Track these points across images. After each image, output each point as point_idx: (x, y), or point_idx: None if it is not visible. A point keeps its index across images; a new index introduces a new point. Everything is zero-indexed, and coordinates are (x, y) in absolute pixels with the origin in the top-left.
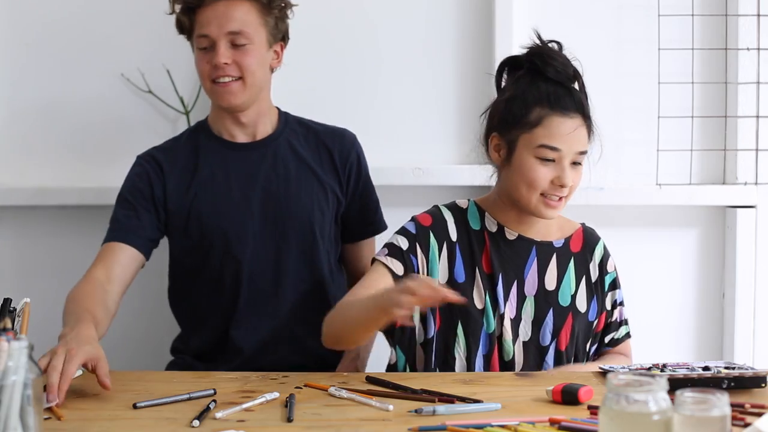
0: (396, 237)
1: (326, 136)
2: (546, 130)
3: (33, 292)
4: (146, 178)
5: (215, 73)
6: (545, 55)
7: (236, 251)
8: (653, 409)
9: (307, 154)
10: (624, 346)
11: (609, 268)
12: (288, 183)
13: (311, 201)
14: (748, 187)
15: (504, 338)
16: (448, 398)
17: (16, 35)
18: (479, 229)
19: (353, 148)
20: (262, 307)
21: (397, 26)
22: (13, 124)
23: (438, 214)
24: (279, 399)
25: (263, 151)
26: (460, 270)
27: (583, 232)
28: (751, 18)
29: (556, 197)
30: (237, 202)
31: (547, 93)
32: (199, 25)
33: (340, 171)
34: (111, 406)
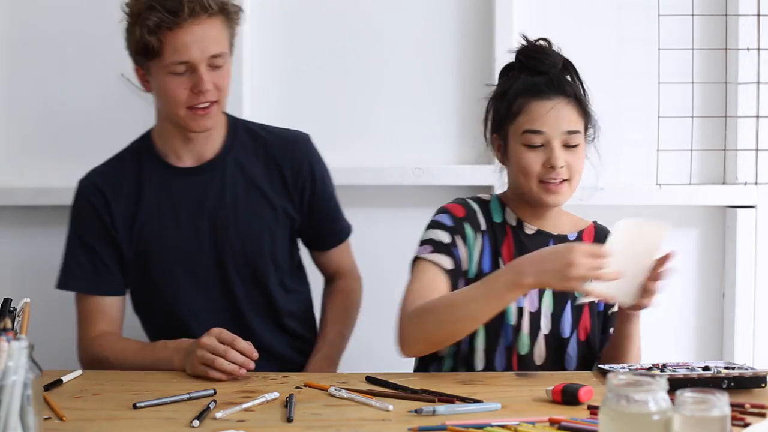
0: (434, 232)
1: (276, 148)
2: (527, 116)
3: (33, 292)
4: (94, 212)
5: (196, 99)
6: (530, 51)
7: (187, 287)
8: (653, 409)
9: (257, 173)
10: None
11: None
12: (236, 209)
13: (261, 226)
14: (748, 187)
15: (521, 331)
16: (448, 398)
17: (16, 35)
18: (501, 221)
19: (305, 159)
20: None
21: (397, 26)
22: (13, 124)
23: (468, 205)
24: (279, 399)
25: (210, 175)
26: (486, 260)
27: (595, 227)
28: (751, 18)
29: (556, 180)
30: (186, 233)
31: (526, 83)
32: (174, 50)
33: (291, 188)
34: (111, 406)
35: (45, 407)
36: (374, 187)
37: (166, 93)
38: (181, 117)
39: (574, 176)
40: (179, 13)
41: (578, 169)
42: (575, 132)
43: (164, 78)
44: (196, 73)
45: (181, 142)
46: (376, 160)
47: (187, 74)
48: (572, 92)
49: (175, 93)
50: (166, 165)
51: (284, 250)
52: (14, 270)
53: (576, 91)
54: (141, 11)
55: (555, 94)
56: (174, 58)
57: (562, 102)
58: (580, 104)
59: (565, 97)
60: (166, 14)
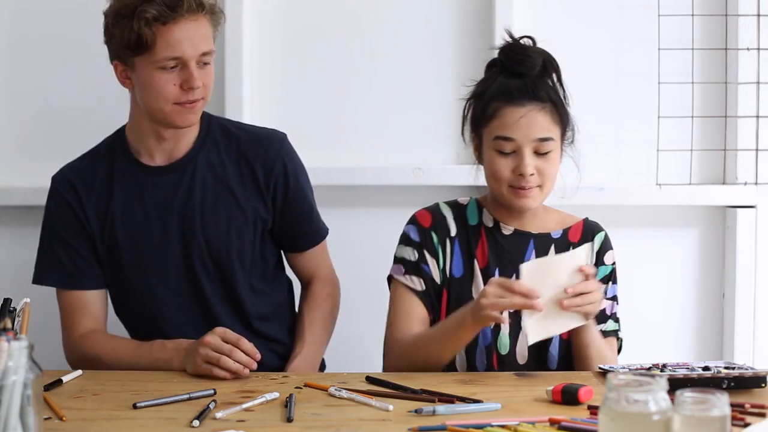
0: (404, 249)
1: (249, 146)
2: (499, 121)
3: (33, 292)
4: (68, 208)
5: (185, 96)
6: (510, 51)
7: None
8: (653, 409)
9: (228, 173)
10: (610, 342)
11: (606, 261)
12: (204, 209)
13: (228, 227)
14: (748, 187)
15: (501, 332)
16: (448, 398)
17: (16, 35)
18: (476, 224)
19: (278, 158)
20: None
21: (397, 26)
22: (13, 124)
23: (437, 211)
24: (279, 399)
25: (180, 174)
26: (458, 265)
27: (584, 223)
28: (751, 18)
29: (525, 187)
30: (155, 232)
31: (501, 86)
32: (166, 45)
33: (263, 188)
34: (111, 406)
35: (45, 407)
36: (374, 187)
37: (153, 88)
38: (167, 112)
39: (546, 182)
40: (177, 8)
41: (550, 175)
42: (547, 139)
43: (152, 72)
44: (186, 70)
45: (154, 140)
46: (376, 160)
47: (177, 70)
48: (548, 97)
49: (164, 88)
50: (137, 163)
51: (254, 251)
52: (14, 270)
53: (552, 95)
54: (138, 4)
55: (528, 100)
56: (167, 53)
57: (535, 109)
58: (556, 109)
59: (539, 102)
60: (165, 8)
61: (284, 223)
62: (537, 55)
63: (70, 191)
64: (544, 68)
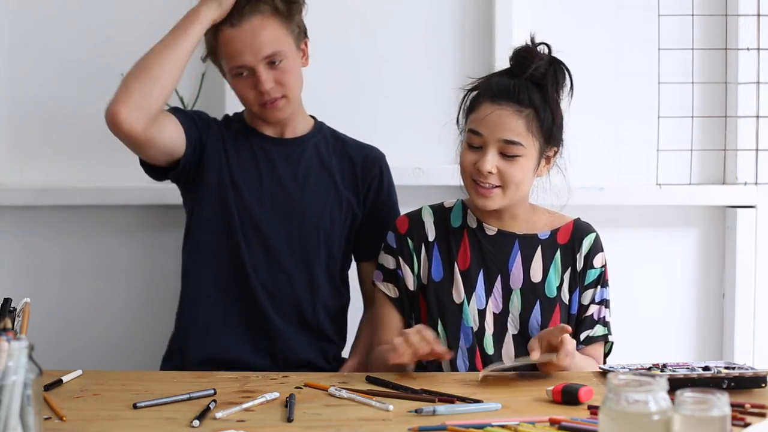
0: (384, 256)
1: (353, 149)
2: (475, 115)
3: (33, 292)
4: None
5: (261, 98)
6: (519, 54)
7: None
8: (653, 409)
9: (332, 161)
10: (595, 348)
11: (596, 263)
12: (305, 184)
13: (323, 208)
14: (748, 187)
15: (485, 333)
16: (448, 398)
17: (16, 35)
18: (459, 226)
19: (377, 164)
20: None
21: (398, 26)
22: (13, 124)
23: (416, 217)
24: (279, 399)
25: (290, 148)
26: (437, 269)
27: (574, 224)
28: (751, 18)
29: (487, 185)
30: (253, 189)
31: (491, 82)
32: (230, 57)
33: (360, 184)
34: (111, 406)
35: (45, 407)
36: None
37: (237, 93)
38: (255, 112)
39: (508, 186)
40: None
41: (514, 180)
42: (515, 143)
43: (231, 79)
44: (254, 75)
45: (264, 124)
46: None
47: (249, 75)
48: (530, 102)
49: (242, 93)
50: (252, 129)
51: (340, 239)
52: (14, 270)
53: (538, 103)
54: None
55: (507, 100)
56: (231, 63)
57: (510, 110)
58: (536, 116)
59: (516, 105)
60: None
61: (370, 225)
62: (541, 61)
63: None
64: (545, 75)
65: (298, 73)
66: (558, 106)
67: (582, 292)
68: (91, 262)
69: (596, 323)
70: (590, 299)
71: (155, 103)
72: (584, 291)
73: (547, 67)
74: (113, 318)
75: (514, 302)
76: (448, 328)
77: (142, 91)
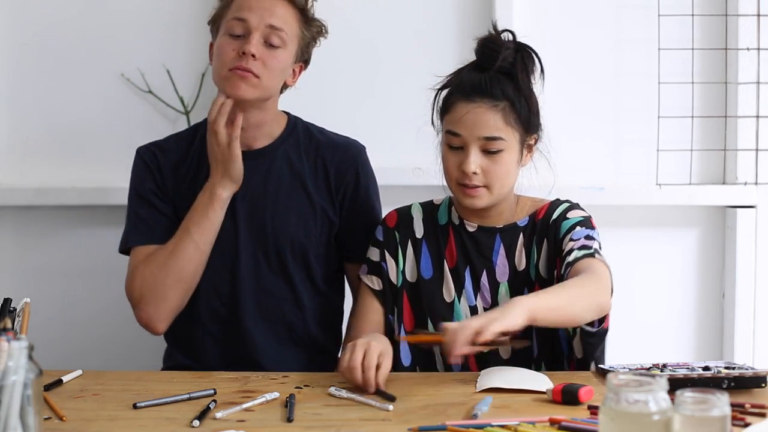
0: (371, 249)
1: (327, 150)
2: (451, 115)
3: (33, 292)
4: (149, 172)
5: (238, 61)
6: (483, 45)
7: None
8: (653, 409)
9: (304, 169)
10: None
11: (570, 216)
12: (277, 199)
13: (297, 220)
14: (748, 187)
15: None
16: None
17: (16, 35)
18: (445, 223)
19: (352, 166)
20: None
21: (397, 26)
22: (13, 124)
23: (405, 212)
24: (279, 399)
25: (258, 162)
26: (427, 266)
27: (550, 203)
28: (751, 18)
29: (470, 185)
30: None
31: (461, 79)
32: (237, 8)
33: (333, 191)
34: (111, 406)
35: (45, 407)
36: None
37: (217, 52)
38: (222, 77)
39: (493, 183)
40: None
41: (498, 176)
42: (495, 138)
43: (221, 38)
44: (248, 37)
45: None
46: (376, 160)
47: (241, 39)
48: (503, 95)
49: (223, 50)
50: None
51: (317, 248)
52: (14, 270)
53: (511, 94)
54: None
55: (481, 96)
56: (234, 14)
57: (485, 106)
58: (513, 108)
59: (490, 100)
60: None
61: (348, 231)
62: (507, 50)
63: (152, 159)
64: (513, 64)
65: (282, 71)
66: (532, 92)
67: (561, 243)
68: (91, 262)
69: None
70: (568, 241)
71: (187, 299)
72: (562, 241)
73: (515, 55)
74: (113, 318)
75: (503, 295)
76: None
77: (177, 298)
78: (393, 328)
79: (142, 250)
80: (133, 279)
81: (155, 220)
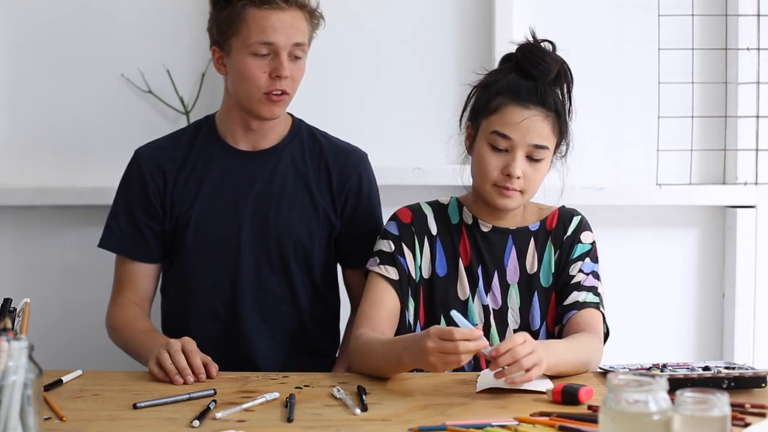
0: (382, 242)
1: (330, 154)
2: (500, 117)
3: (33, 292)
4: (141, 181)
5: (273, 85)
6: (529, 52)
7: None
8: (653, 409)
9: (308, 171)
10: (589, 314)
11: (584, 239)
12: (281, 200)
13: (300, 221)
14: (748, 187)
15: (491, 328)
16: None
17: (16, 35)
18: (457, 222)
19: (355, 171)
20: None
21: (397, 26)
22: (13, 124)
23: (418, 210)
24: (279, 399)
25: (263, 162)
26: (441, 263)
27: (559, 211)
28: (751, 18)
29: (510, 187)
30: (228, 211)
31: (511, 83)
32: (261, 30)
33: (336, 195)
34: (111, 406)
35: (45, 407)
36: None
37: (244, 74)
38: (255, 100)
39: (529, 189)
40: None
41: (535, 183)
42: (542, 147)
43: (245, 58)
44: (277, 59)
45: (242, 129)
46: (376, 160)
47: (268, 59)
48: (554, 106)
49: (254, 73)
50: (222, 144)
51: (319, 251)
52: (14, 270)
53: (559, 105)
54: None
55: (535, 104)
56: (260, 37)
57: (539, 115)
58: (558, 119)
59: (544, 109)
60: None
61: (349, 237)
62: (553, 61)
63: (150, 164)
64: (558, 77)
65: (303, 75)
66: (571, 105)
67: (570, 265)
68: (90, 262)
69: (585, 290)
70: (578, 270)
71: None
72: (572, 264)
73: (560, 68)
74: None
75: (512, 297)
76: (452, 324)
77: None
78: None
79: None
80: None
81: (133, 232)
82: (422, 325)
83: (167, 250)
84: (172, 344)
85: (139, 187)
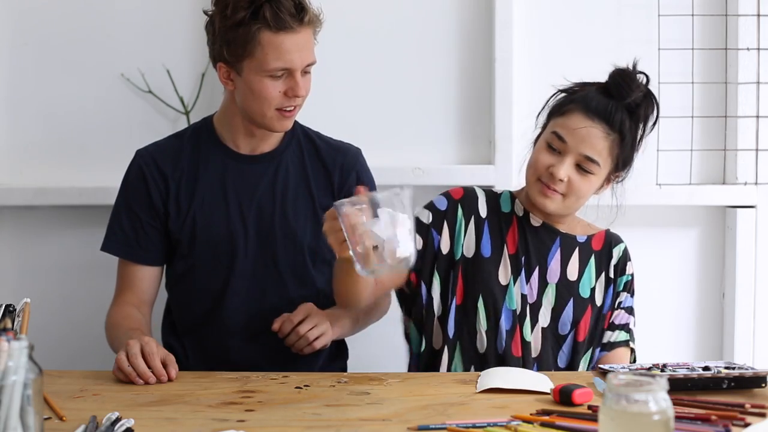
0: (422, 211)
1: (327, 154)
2: (564, 120)
3: (33, 292)
4: (143, 182)
5: (287, 102)
6: (618, 74)
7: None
8: (653, 409)
9: (308, 173)
10: (616, 354)
11: (627, 270)
12: (285, 203)
13: (305, 223)
14: (748, 187)
15: (525, 318)
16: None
17: (16, 35)
18: (508, 212)
19: (353, 168)
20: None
21: (397, 26)
22: (13, 124)
23: (471, 191)
24: (279, 399)
25: (265, 165)
26: (486, 246)
27: (606, 233)
28: (751, 18)
29: (550, 186)
30: (232, 216)
31: (587, 94)
32: (278, 56)
33: (336, 193)
34: (111, 406)
35: (45, 407)
36: None
37: (260, 94)
38: (267, 117)
39: (570, 195)
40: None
41: (579, 192)
42: (593, 161)
43: (261, 79)
44: (292, 78)
45: (243, 134)
46: (376, 160)
47: (283, 78)
48: (619, 127)
49: (269, 93)
50: (223, 148)
51: (325, 253)
52: (14, 270)
53: (625, 130)
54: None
55: (600, 119)
56: (278, 64)
57: (601, 131)
58: (620, 142)
59: (606, 126)
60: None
61: None
62: (637, 89)
63: (151, 166)
64: (638, 105)
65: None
66: (642, 138)
67: (615, 298)
68: (91, 262)
69: (617, 328)
70: (617, 303)
71: None
72: (617, 296)
73: (643, 99)
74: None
75: (549, 295)
76: (490, 306)
77: None
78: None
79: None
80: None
81: (136, 234)
82: (458, 303)
83: (169, 252)
84: (131, 346)
85: (140, 188)
